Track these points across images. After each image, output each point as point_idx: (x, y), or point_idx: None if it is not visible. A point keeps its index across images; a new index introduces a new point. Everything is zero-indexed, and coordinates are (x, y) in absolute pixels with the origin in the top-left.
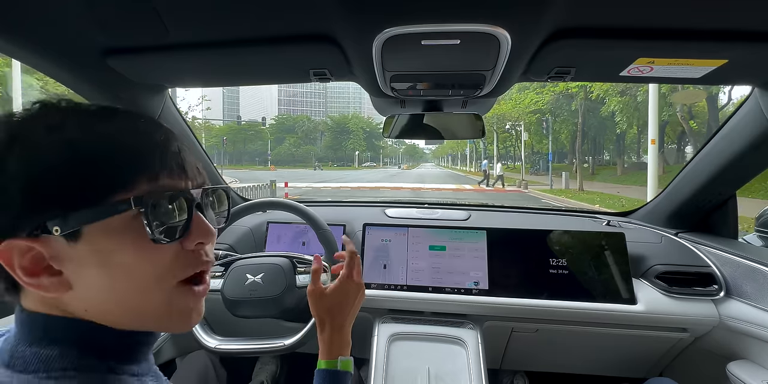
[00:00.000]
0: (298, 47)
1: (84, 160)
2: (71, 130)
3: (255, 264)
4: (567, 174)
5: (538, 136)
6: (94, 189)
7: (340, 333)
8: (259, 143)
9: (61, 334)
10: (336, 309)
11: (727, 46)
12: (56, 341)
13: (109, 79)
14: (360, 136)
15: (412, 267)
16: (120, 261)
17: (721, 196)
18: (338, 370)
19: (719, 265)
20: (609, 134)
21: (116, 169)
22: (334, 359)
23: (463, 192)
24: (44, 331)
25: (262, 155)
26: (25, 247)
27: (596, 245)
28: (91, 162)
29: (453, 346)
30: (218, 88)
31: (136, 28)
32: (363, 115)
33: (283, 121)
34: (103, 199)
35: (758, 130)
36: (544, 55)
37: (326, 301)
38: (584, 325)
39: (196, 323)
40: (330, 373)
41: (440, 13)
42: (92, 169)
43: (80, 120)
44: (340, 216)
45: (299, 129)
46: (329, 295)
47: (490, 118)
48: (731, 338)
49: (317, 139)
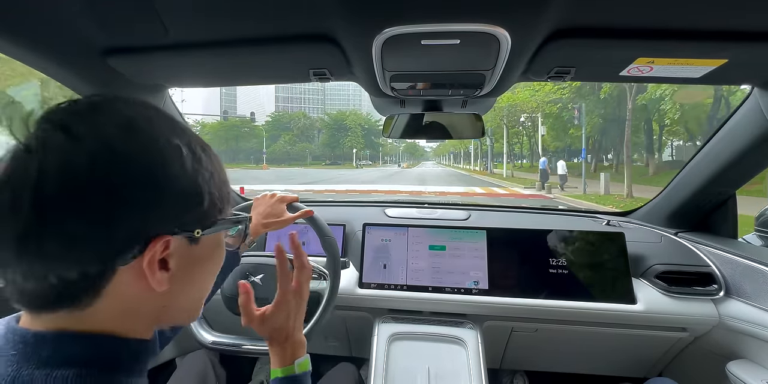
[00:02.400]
0: (298, 47)
1: (229, 185)
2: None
3: (256, 264)
4: (607, 176)
5: (554, 131)
6: (228, 202)
7: (291, 342)
8: (254, 141)
9: (79, 350)
10: (283, 325)
11: (727, 46)
12: (70, 360)
13: (109, 78)
14: (358, 133)
15: (411, 267)
16: (212, 261)
17: (720, 196)
18: (296, 373)
19: (719, 265)
20: (641, 126)
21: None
22: (290, 365)
23: (492, 197)
24: (54, 350)
25: (258, 153)
26: (167, 241)
27: (596, 245)
28: (230, 186)
29: (453, 346)
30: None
31: (136, 27)
32: (362, 112)
33: (279, 118)
34: (226, 212)
35: (758, 130)
36: (543, 54)
37: (270, 323)
38: (584, 325)
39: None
40: (288, 380)
41: (440, 13)
42: (230, 190)
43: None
44: (340, 216)
45: (295, 126)
46: (271, 317)
47: (500, 111)
48: (731, 338)
49: (314, 136)
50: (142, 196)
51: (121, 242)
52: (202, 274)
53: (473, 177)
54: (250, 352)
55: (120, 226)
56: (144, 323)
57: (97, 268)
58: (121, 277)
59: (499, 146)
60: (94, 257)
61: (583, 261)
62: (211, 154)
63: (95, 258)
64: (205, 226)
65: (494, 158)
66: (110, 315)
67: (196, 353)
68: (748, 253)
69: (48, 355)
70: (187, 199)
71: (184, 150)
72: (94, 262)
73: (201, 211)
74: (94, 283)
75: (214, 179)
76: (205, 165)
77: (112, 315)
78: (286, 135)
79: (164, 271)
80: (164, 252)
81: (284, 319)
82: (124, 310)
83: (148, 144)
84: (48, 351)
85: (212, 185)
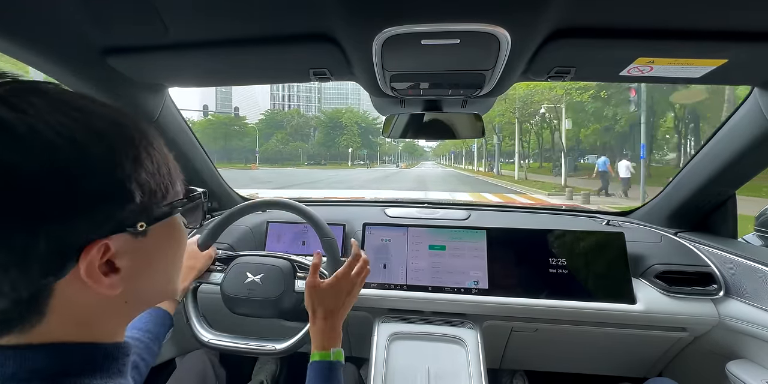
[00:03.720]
0: (298, 47)
1: (170, 165)
2: (160, 143)
3: (256, 263)
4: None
5: (576, 125)
6: (173, 185)
7: (332, 326)
8: (246, 140)
9: (44, 363)
10: (329, 302)
11: (727, 45)
12: (37, 374)
13: (109, 78)
14: (354, 131)
15: (411, 266)
16: (170, 247)
17: (720, 196)
18: (332, 360)
19: (719, 265)
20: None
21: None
22: (328, 351)
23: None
24: (18, 365)
25: (252, 152)
26: (105, 245)
27: (596, 245)
28: (172, 165)
29: (453, 346)
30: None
31: (136, 26)
32: (359, 110)
33: (274, 115)
34: (173, 195)
35: (758, 130)
36: (543, 54)
37: (321, 294)
38: (584, 325)
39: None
40: (325, 364)
41: (440, 12)
42: (172, 170)
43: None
44: (340, 215)
45: (288, 124)
46: (324, 289)
47: (512, 103)
48: (730, 338)
49: (309, 135)
50: (50, 208)
51: (43, 260)
52: (162, 262)
53: (479, 179)
54: (250, 351)
55: (34, 245)
56: (110, 325)
57: (28, 291)
58: (64, 291)
59: (505, 144)
60: (19, 283)
61: (582, 261)
62: (130, 138)
63: (21, 283)
64: (150, 216)
65: (498, 158)
66: (66, 327)
67: (195, 353)
68: (747, 253)
69: (12, 371)
70: (109, 198)
71: (92, 146)
72: (22, 287)
73: (136, 205)
74: (32, 305)
75: (143, 167)
76: (124, 155)
77: (67, 326)
78: (279, 133)
79: (113, 273)
80: (105, 255)
81: (334, 294)
82: (80, 320)
83: (39, 151)
84: (12, 367)
85: (142, 174)
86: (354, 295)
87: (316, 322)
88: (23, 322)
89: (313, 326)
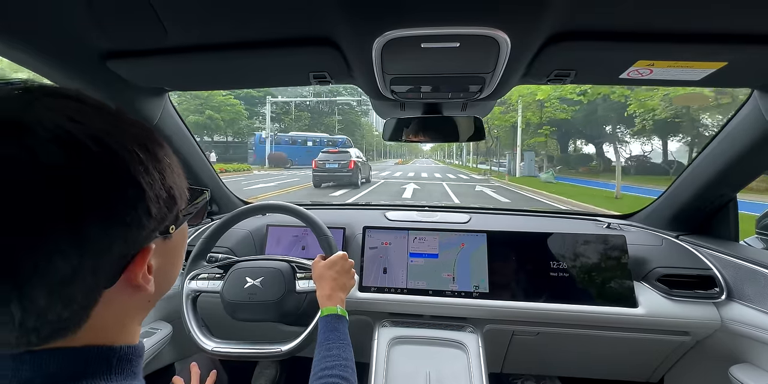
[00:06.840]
0: (298, 50)
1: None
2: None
3: (255, 267)
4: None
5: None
6: (186, 186)
7: (336, 289)
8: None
9: (61, 367)
10: (332, 272)
11: (727, 48)
12: (53, 379)
13: (109, 82)
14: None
15: (412, 270)
16: (182, 246)
17: (721, 199)
18: (338, 313)
19: (720, 268)
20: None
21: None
22: (334, 306)
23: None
24: (34, 370)
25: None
26: (148, 249)
27: (597, 248)
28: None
29: (453, 350)
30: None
31: (136, 30)
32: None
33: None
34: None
35: (758, 133)
36: (543, 57)
37: (325, 263)
38: (585, 329)
39: None
40: (333, 316)
41: (440, 16)
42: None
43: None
44: (340, 219)
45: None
46: (327, 261)
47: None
48: (733, 341)
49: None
50: (128, 211)
51: (112, 265)
52: (178, 259)
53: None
54: (257, 355)
55: (108, 250)
56: (133, 325)
57: (95, 298)
58: (107, 295)
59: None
60: (91, 290)
61: (584, 264)
62: (160, 144)
63: (92, 290)
64: (178, 219)
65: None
66: (98, 330)
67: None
68: (749, 256)
69: (29, 376)
70: (167, 203)
71: (141, 154)
72: (92, 295)
73: (177, 209)
74: (87, 312)
75: (174, 171)
76: (165, 162)
77: (99, 330)
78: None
79: (149, 274)
80: (147, 258)
81: (334, 263)
82: (115, 321)
83: (107, 158)
84: (28, 372)
85: (175, 179)
86: (351, 275)
87: (323, 286)
88: (72, 329)
89: (320, 291)
